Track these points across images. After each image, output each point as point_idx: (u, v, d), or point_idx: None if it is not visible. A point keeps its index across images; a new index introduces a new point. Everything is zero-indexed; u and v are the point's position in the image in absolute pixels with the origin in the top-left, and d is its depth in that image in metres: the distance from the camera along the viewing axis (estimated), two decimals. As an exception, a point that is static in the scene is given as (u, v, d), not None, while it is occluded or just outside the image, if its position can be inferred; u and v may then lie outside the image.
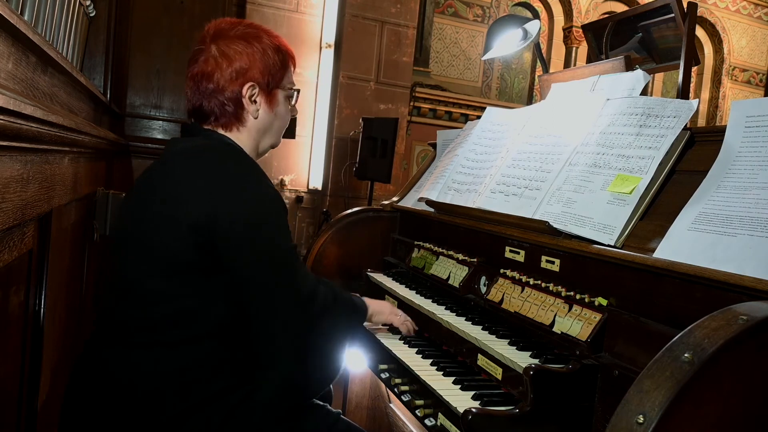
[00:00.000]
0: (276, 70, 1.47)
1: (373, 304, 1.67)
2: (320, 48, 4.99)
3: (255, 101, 1.45)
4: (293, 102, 1.58)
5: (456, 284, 1.80)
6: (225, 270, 1.28)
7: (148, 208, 1.32)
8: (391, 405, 2.34)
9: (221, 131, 1.46)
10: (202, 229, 1.25)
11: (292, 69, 1.55)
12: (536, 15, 6.40)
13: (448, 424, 1.29)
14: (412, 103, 5.27)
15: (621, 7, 6.55)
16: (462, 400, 1.28)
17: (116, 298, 1.33)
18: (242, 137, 1.47)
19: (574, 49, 6.49)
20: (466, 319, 1.60)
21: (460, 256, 1.85)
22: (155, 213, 1.30)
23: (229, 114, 1.44)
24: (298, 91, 1.57)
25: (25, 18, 1.54)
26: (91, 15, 2.89)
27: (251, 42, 1.44)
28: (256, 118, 1.46)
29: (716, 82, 7.23)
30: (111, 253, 1.40)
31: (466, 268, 1.80)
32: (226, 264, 1.28)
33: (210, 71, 1.42)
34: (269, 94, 1.47)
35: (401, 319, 1.73)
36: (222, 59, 1.42)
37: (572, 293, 1.37)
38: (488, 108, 2.20)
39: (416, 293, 1.90)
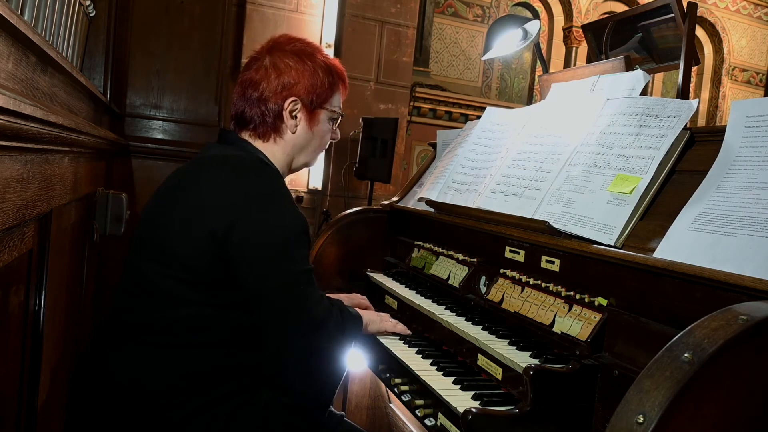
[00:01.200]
0: (323, 91, 1.49)
1: (363, 315, 1.65)
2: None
3: (295, 116, 1.47)
4: (335, 125, 1.58)
5: (456, 284, 1.80)
6: (240, 285, 1.29)
7: (172, 212, 1.32)
8: (391, 405, 2.34)
9: (259, 141, 1.48)
10: (221, 243, 1.25)
11: (342, 92, 1.57)
12: (536, 15, 6.40)
13: (448, 424, 1.29)
14: (412, 103, 5.27)
15: (621, 7, 6.54)
16: (462, 400, 1.28)
17: (131, 297, 1.34)
18: (277, 150, 1.48)
19: (574, 49, 6.48)
20: (466, 319, 1.60)
21: (460, 256, 1.85)
22: (178, 218, 1.31)
23: (268, 124, 1.46)
24: (342, 115, 1.58)
25: (25, 18, 1.54)
26: (91, 15, 2.89)
27: (303, 59, 1.47)
28: (293, 133, 1.48)
29: (716, 82, 7.23)
30: (131, 252, 1.40)
31: (466, 268, 1.80)
32: (241, 281, 1.28)
33: (257, 80, 1.46)
34: (311, 112, 1.49)
35: (392, 324, 1.72)
36: (271, 70, 1.45)
37: (572, 293, 1.37)
38: (488, 108, 2.20)
39: (416, 293, 1.90)
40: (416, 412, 1.40)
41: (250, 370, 1.34)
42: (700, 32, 7.05)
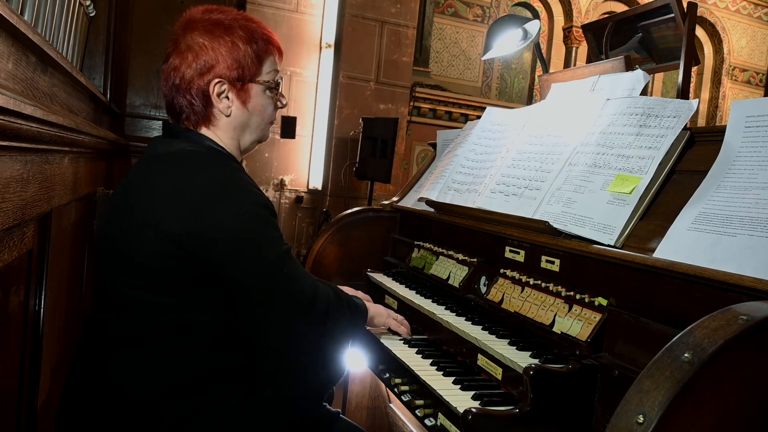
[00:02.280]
0: (248, 63, 1.36)
1: (371, 307, 1.63)
2: (320, 48, 4.99)
3: (226, 98, 1.36)
4: (277, 93, 1.45)
5: (456, 284, 1.80)
6: (213, 283, 1.24)
7: (126, 217, 1.25)
8: (391, 405, 2.34)
9: (200, 130, 1.38)
10: (182, 244, 1.19)
11: (275, 58, 1.43)
12: (536, 15, 6.40)
13: (448, 424, 1.29)
14: (412, 103, 5.27)
15: (621, 7, 6.55)
16: (462, 400, 1.28)
17: (104, 310, 1.29)
18: (220, 135, 1.38)
19: (574, 49, 6.49)
20: (466, 319, 1.60)
21: (460, 256, 1.85)
22: (132, 223, 1.23)
23: (198, 112, 1.35)
24: (279, 82, 1.44)
25: (25, 18, 1.54)
26: (91, 15, 2.89)
27: (219, 34, 1.34)
28: (228, 115, 1.37)
29: (716, 82, 7.23)
30: (96, 256, 1.34)
31: (466, 268, 1.80)
32: (219, 278, 1.23)
33: (177, 65, 1.34)
34: (241, 89, 1.36)
35: (397, 323, 1.71)
36: (188, 53, 1.33)
37: (572, 293, 1.37)
38: (488, 108, 2.20)
39: (416, 293, 1.90)
40: (416, 412, 1.40)
41: (241, 370, 1.31)
42: (700, 32, 7.06)
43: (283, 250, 1.29)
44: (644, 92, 1.63)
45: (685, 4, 1.81)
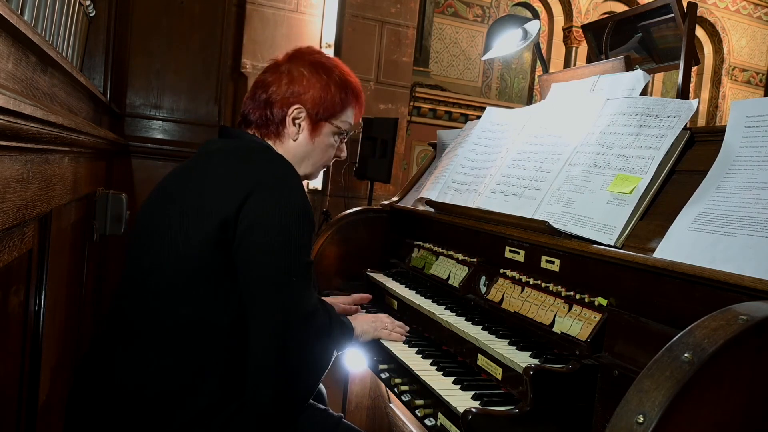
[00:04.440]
0: (331, 105, 1.50)
1: (356, 325, 1.61)
2: (320, 48, 4.99)
3: (298, 125, 1.49)
4: (341, 142, 1.59)
5: (456, 284, 1.80)
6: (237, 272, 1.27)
7: (182, 202, 1.31)
8: (391, 405, 2.34)
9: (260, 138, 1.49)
10: (228, 227, 1.25)
11: (354, 112, 1.58)
12: (536, 15, 6.40)
13: (448, 424, 1.29)
14: (412, 103, 5.26)
15: (621, 7, 6.54)
16: (462, 400, 1.28)
17: (132, 293, 1.32)
18: (281, 152, 1.48)
19: (574, 49, 6.48)
20: (466, 319, 1.60)
21: (460, 256, 1.85)
22: (188, 206, 1.29)
23: (271, 126, 1.48)
24: (348, 132, 1.59)
25: (25, 18, 1.54)
26: (91, 15, 2.89)
27: (319, 71, 1.49)
28: (294, 140, 1.49)
29: (716, 82, 7.23)
30: (131, 248, 1.39)
31: (466, 268, 1.80)
32: (238, 264, 1.26)
33: (269, 82, 1.48)
34: (315, 123, 1.50)
35: (388, 332, 1.69)
36: (285, 76, 1.48)
37: (572, 293, 1.37)
38: (488, 108, 2.20)
39: (416, 293, 1.90)
40: (416, 412, 1.40)
41: (244, 373, 1.32)
42: (700, 32, 7.06)
43: (307, 261, 1.33)
44: (644, 92, 1.64)
45: (685, 4, 1.81)
